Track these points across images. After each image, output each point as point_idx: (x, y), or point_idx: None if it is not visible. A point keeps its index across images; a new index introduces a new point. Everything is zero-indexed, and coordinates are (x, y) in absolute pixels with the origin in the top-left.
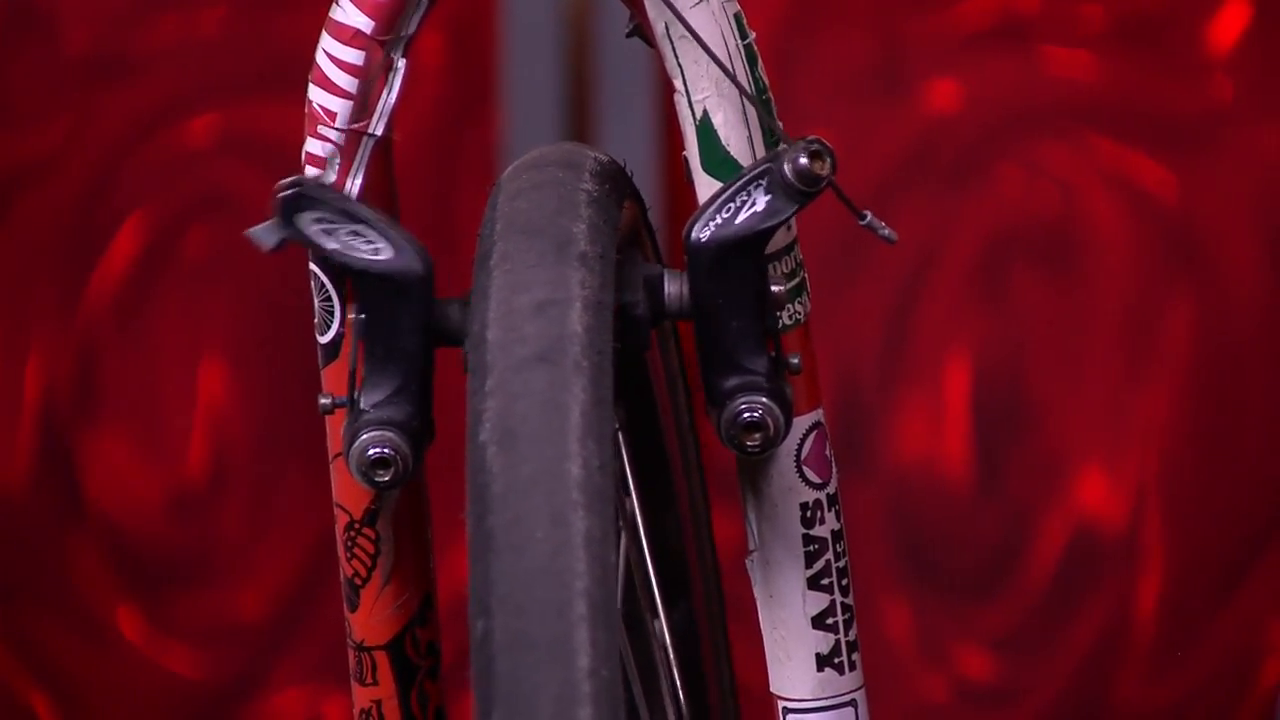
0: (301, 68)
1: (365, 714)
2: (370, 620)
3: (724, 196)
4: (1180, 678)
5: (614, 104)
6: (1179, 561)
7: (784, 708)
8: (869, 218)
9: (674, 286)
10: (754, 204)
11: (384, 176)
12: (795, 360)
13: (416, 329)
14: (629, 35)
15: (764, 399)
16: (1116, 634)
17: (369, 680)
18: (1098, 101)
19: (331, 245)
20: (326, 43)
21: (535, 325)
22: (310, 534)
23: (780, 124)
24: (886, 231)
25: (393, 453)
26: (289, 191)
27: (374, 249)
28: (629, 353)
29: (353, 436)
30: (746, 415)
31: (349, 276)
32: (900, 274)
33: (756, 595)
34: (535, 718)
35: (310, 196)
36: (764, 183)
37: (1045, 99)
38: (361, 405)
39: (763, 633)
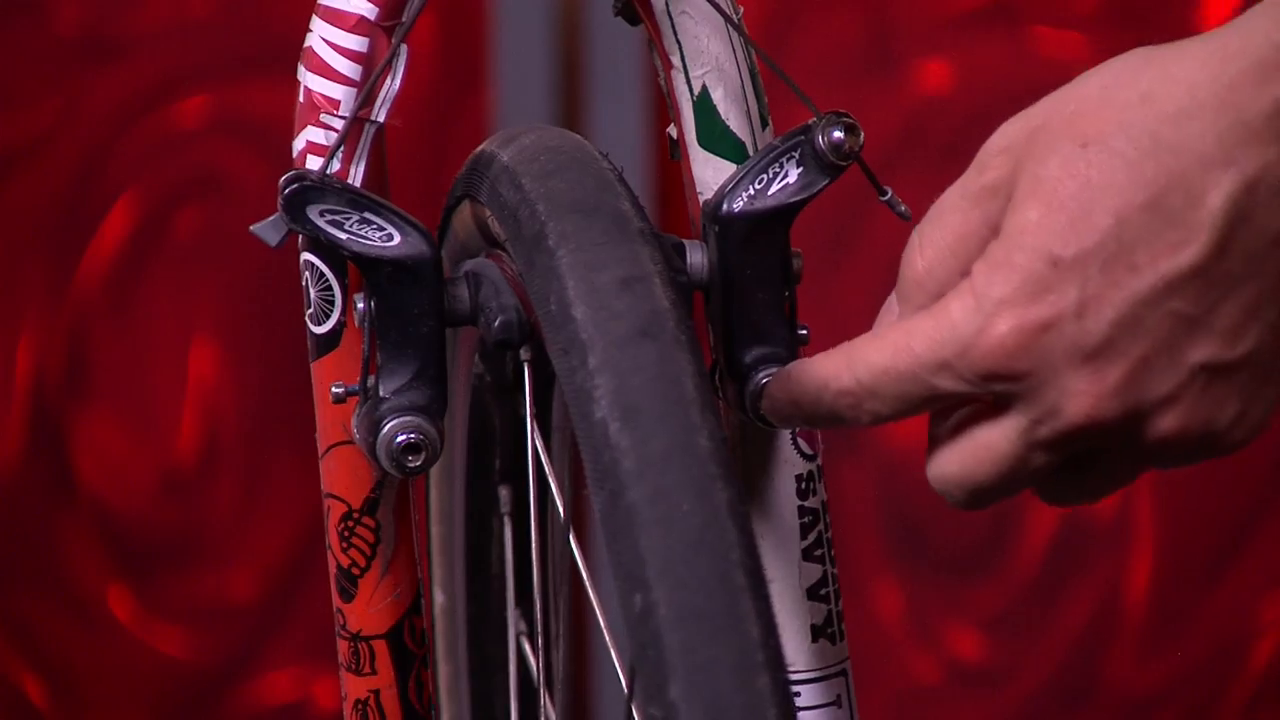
0: (292, 49)
1: (361, 704)
2: (369, 610)
3: (754, 169)
4: (1171, 659)
5: (604, 84)
6: (1169, 543)
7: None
8: (889, 194)
9: (696, 257)
10: (786, 177)
11: (379, 162)
12: (804, 331)
13: (431, 313)
14: (616, 14)
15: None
16: (1107, 615)
17: (367, 670)
18: None
19: (342, 236)
20: (324, 30)
21: (625, 301)
22: (301, 515)
23: (767, 98)
24: (903, 209)
25: (422, 437)
26: (293, 186)
27: (384, 236)
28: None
29: (375, 424)
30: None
31: (360, 266)
32: (891, 254)
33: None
34: (717, 688)
35: (315, 188)
36: (796, 155)
37: (1036, 80)
38: (381, 393)
39: None
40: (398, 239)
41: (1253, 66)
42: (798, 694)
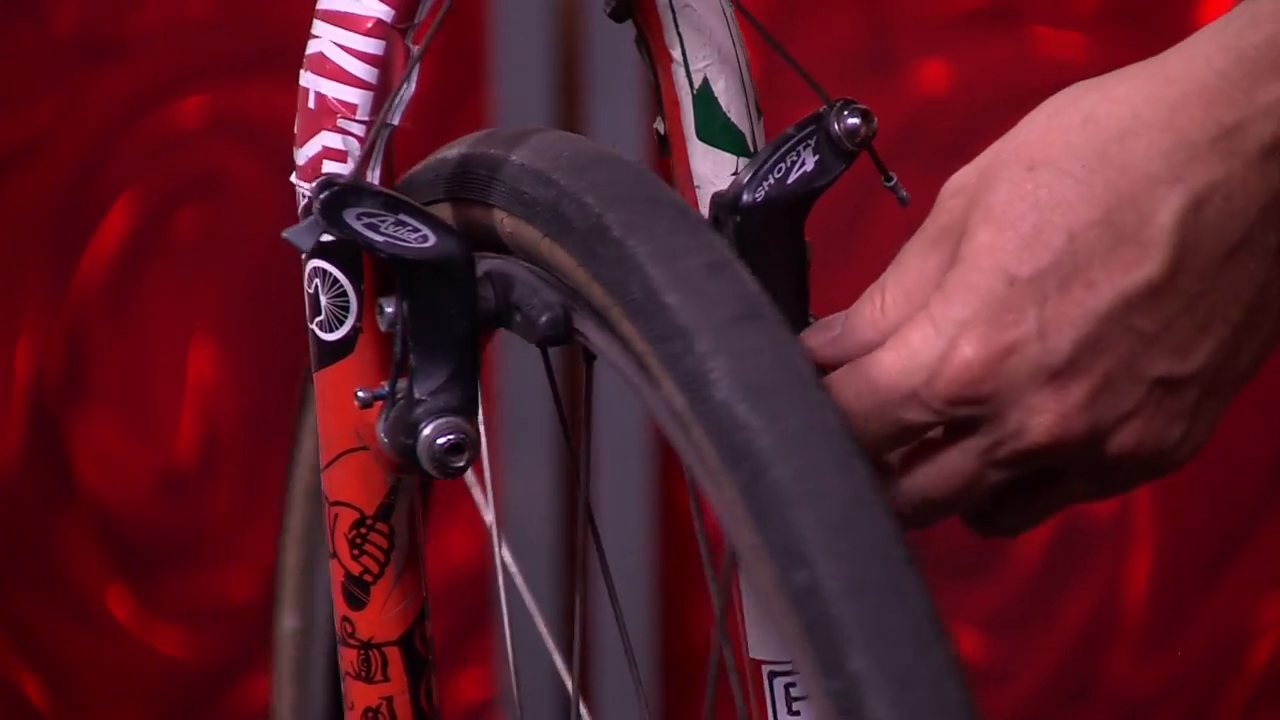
0: (292, 48)
1: (372, 711)
2: (381, 617)
3: (771, 159)
4: (1170, 658)
5: (604, 84)
6: (1169, 542)
7: (770, 671)
8: (894, 180)
9: None
10: (803, 164)
11: (389, 164)
12: (814, 319)
13: (465, 313)
14: (609, 13)
15: None
16: (1107, 614)
17: (379, 677)
18: None
19: (379, 239)
20: (336, 35)
21: (718, 285)
22: None
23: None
24: (904, 194)
25: (464, 436)
26: (331, 190)
27: (419, 237)
28: None
29: (412, 427)
30: None
31: (397, 268)
32: (890, 253)
33: (739, 561)
34: (901, 658)
35: (352, 192)
36: (811, 143)
37: (1036, 80)
38: (416, 395)
39: (743, 599)
40: (433, 240)
41: (1196, 90)
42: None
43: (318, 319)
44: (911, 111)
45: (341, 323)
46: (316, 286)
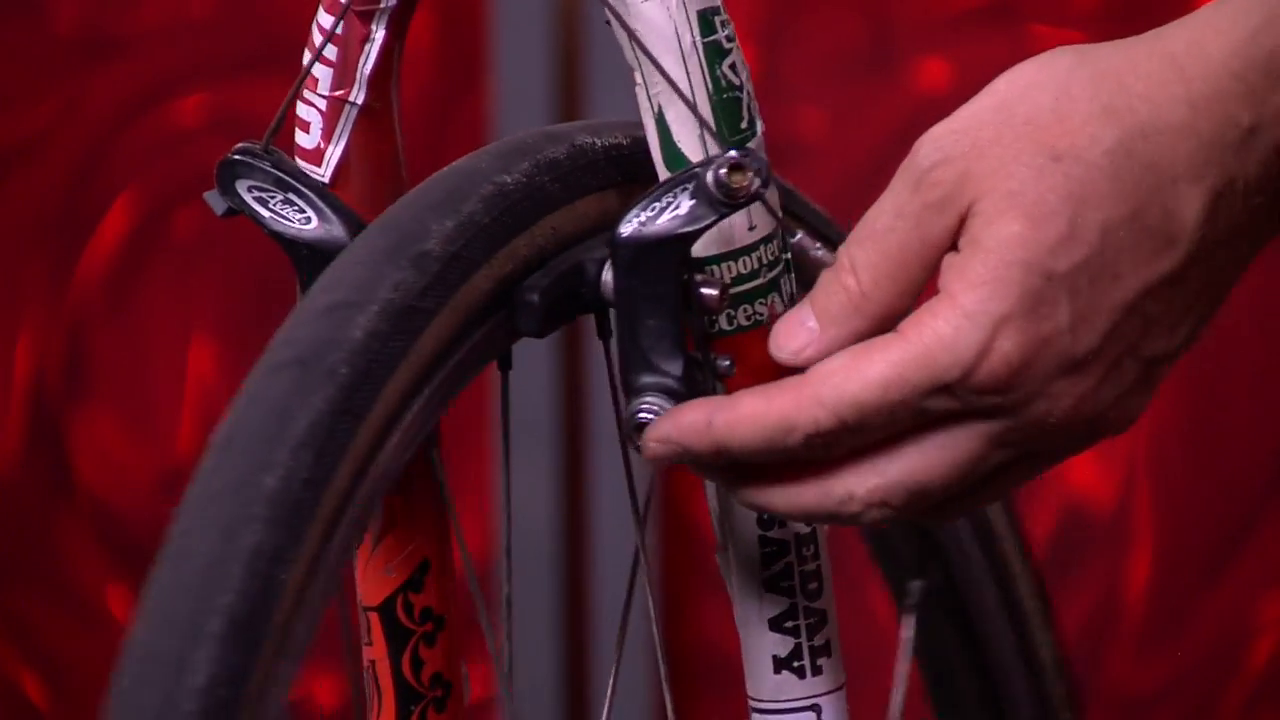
0: (292, 48)
1: (367, 672)
2: (363, 581)
3: (652, 195)
4: (1170, 657)
5: (604, 84)
6: (1168, 542)
7: (750, 704)
8: (799, 236)
9: (607, 276)
10: (678, 207)
11: (379, 148)
12: (726, 363)
13: None
14: (608, 22)
15: (663, 401)
16: (1106, 614)
17: (367, 640)
18: None
19: (265, 214)
20: (320, 13)
21: (310, 329)
22: None
23: (722, 126)
24: (820, 253)
25: None
26: (226, 159)
27: (304, 218)
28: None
29: None
30: (640, 416)
31: (280, 245)
32: None
33: (729, 592)
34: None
35: (247, 164)
36: (689, 187)
37: None
38: None
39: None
40: (314, 223)
41: (1214, 93)
42: None
43: None
44: (911, 111)
45: None
46: None
